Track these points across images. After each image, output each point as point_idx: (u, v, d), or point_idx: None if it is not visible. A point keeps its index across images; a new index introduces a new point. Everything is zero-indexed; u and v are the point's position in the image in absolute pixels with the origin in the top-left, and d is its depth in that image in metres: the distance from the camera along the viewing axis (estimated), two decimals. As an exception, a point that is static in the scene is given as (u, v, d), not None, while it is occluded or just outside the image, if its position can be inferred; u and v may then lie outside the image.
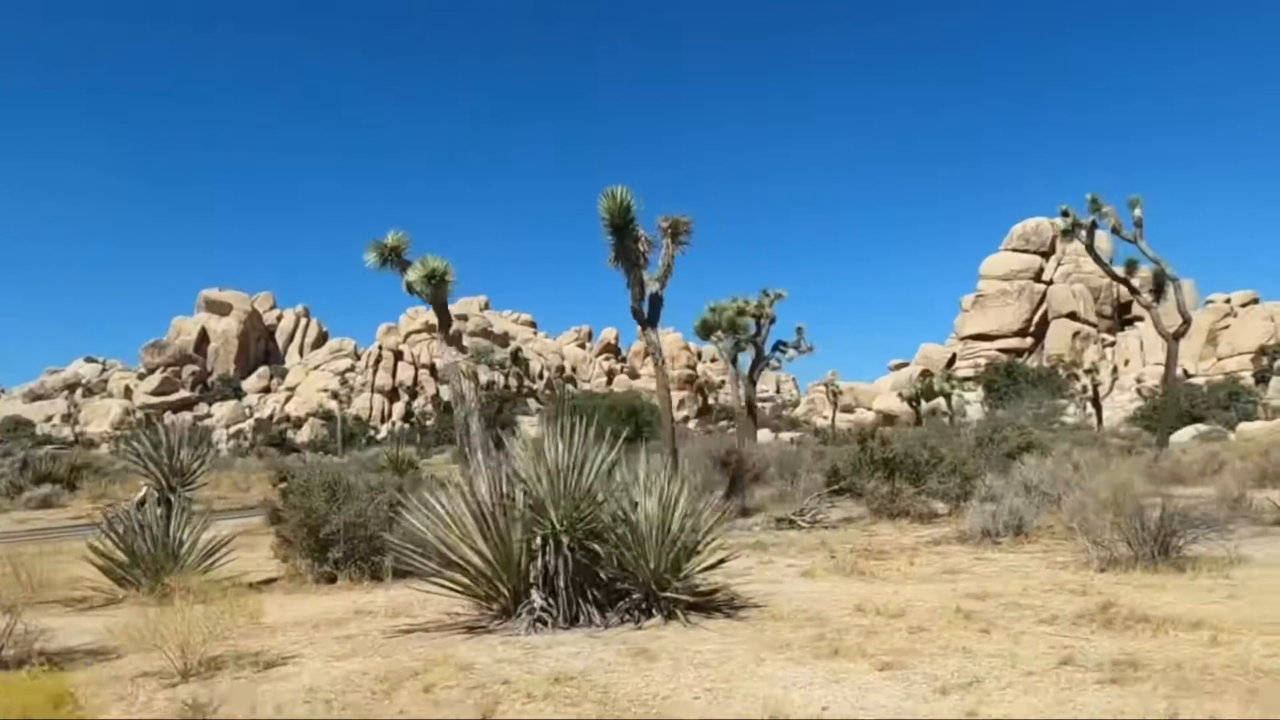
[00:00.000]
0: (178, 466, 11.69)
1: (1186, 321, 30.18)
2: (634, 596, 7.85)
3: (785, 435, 72.81)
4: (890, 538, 13.78)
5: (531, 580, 7.82)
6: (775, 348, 36.59)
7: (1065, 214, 32.41)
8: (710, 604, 8.21)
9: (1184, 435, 58.61)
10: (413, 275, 20.45)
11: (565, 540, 7.68)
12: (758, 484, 19.55)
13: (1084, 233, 31.60)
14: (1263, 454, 25.48)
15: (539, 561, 7.76)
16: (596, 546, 7.87)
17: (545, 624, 7.54)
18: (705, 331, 29.48)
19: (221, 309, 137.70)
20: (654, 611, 7.73)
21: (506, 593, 7.88)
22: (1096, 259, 31.81)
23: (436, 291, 20.50)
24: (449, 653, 6.67)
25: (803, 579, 10.16)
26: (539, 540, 7.76)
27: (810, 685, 5.77)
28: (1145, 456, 28.74)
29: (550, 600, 7.71)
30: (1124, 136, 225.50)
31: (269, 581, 12.10)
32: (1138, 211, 30.60)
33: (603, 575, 7.94)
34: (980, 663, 6.14)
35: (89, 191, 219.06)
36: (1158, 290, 30.71)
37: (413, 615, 8.59)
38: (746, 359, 34.02)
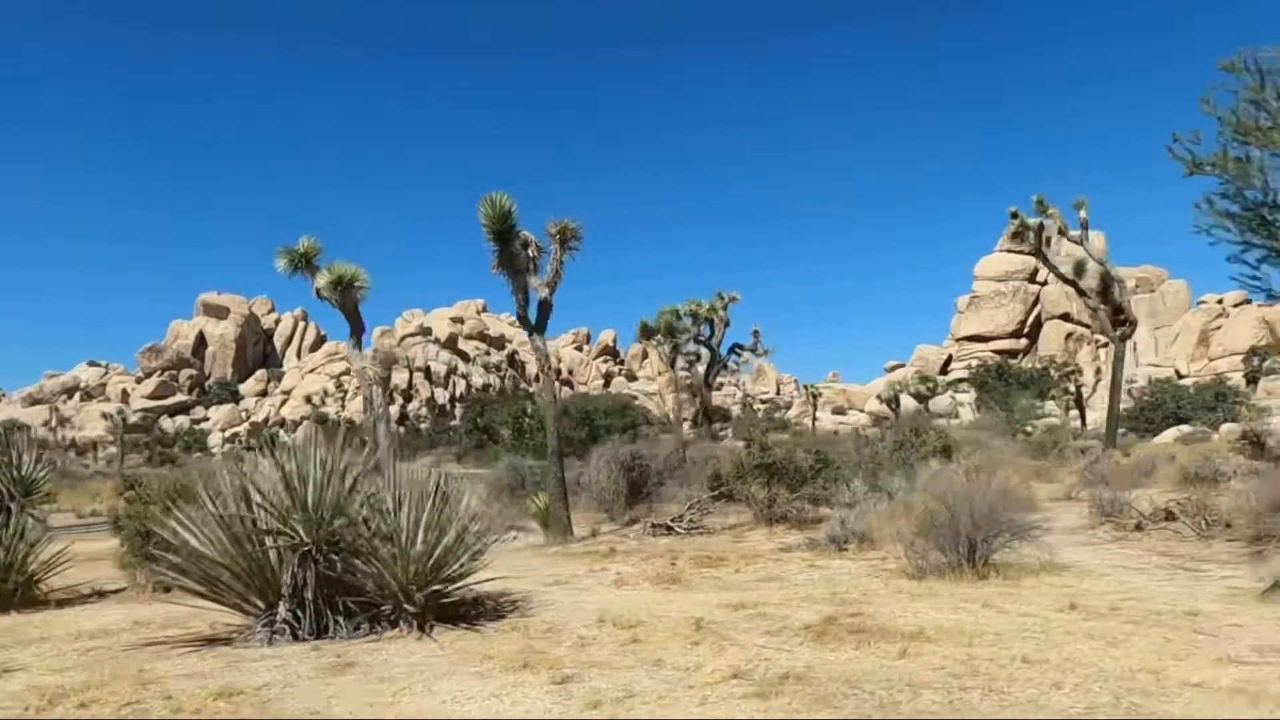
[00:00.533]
0: (17, 476, 11.76)
1: (1132, 324, 30.03)
2: (383, 608, 7.87)
3: (773, 438, 72.58)
4: (752, 545, 13.76)
5: (283, 592, 7.85)
6: (730, 350, 36.58)
7: (1014, 215, 32.32)
8: (466, 614, 8.22)
9: (1167, 436, 58.32)
10: (320, 281, 20.49)
11: (312, 552, 7.72)
12: (665, 488, 19.54)
13: (1032, 235, 31.51)
14: (1201, 456, 25.34)
15: (288, 573, 7.79)
16: (352, 558, 7.91)
17: (284, 635, 7.56)
18: (645, 335, 29.47)
19: (219, 313, 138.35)
20: (400, 623, 7.75)
21: (261, 604, 7.91)
22: (1044, 260, 31.69)
23: (345, 297, 20.53)
24: (150, 666, 6.70)
25: (611, 588, 10.15)
26: (290, 552, 7.80)
27: (471, 700, 5.77)
28: (1087, 459, 28.67)
29: (299, 612, 7.73)
30: (1120, 136, 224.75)
31: (118, 591, 12.18)
32: (1083, 213, 30.51)
33: (358, 586, 7.96)
34: (658, 676, 6.13)
35: (91, 194, 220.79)
36: (1104, 292, 30.58)
37: (186, 627, 8.59)
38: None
